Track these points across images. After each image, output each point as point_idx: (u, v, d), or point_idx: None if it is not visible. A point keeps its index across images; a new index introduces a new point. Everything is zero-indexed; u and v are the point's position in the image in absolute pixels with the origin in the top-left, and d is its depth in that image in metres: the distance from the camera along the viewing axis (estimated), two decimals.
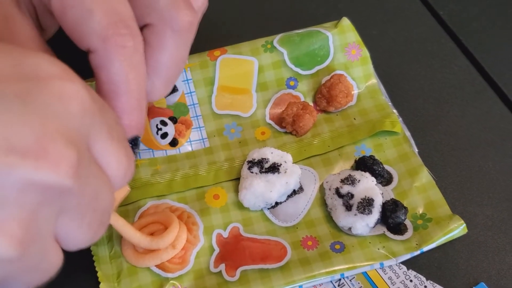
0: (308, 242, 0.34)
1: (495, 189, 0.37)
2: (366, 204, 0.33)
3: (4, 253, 0.19)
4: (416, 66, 0.44)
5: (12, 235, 0.19)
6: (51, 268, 0.22)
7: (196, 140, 0.38)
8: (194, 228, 0.34)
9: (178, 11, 0.27)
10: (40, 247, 0.20)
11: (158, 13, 0.27)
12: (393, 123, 0.38)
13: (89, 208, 0.22)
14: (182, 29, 0.28)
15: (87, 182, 0.21)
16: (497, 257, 0.34)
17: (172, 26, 0.27)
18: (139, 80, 0.25)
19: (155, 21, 0.27)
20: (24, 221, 0.19)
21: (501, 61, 0.44)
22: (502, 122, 0.41)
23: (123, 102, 0.25)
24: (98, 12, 0.24)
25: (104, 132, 0.22)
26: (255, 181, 0.35)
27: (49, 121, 0.19)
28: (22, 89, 0.19)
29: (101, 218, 0.23)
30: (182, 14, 0.28)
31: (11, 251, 0.19)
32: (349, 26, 0.41)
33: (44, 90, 0.19)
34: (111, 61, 0.24)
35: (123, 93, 0.25)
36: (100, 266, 0.33)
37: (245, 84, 0.40)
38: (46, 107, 0.19)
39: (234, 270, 0.33)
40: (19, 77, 0.19)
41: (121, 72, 0.24)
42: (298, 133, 0.38)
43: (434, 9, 0.48)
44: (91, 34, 0.24)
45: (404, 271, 0.33)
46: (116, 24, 0.24)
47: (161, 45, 0.28)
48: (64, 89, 0.20)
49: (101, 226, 0.24)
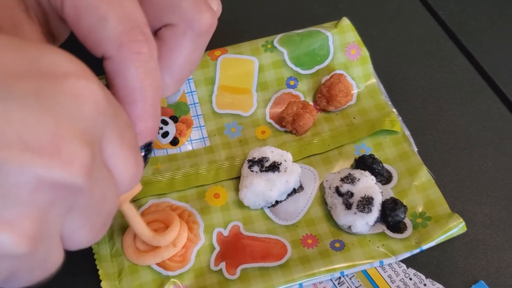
0: (308, 241, 0.34)
1: (494, 187, 0.37)
2: (366, 203, 0.34)
3: (16, 249, 0.19)
4: (415, 65, 0.44)
5: (24, 233, 0.19)
6: (52, 266, 0.22)
7: (196, 139, 0.39)
8: (194, 227, 0.35)
9: (200, 12, 0.28)
10: (48, 245, 0.21)
11: (180, 14, 0.27)
12: (393, 122, 0.38)
13: (95, 210, 0.22)
14: (202, 30, 0.28)
15: (97, 184, 0.21)
16: (495, 255, 0.34)
17: (193, 27, 0.28)
18: (154, 86, 0.25)
19: (177, 21, 0.28)
20: (36, 219, 0.19)
21: (500, 61, 0.45)
22: (501, 121, 0.41)
23: (138, 108, 0.25)
24: (113, 18, 0.24)
25: (115, 134, 0.22)
26: (256, 180, 0.35)
27: (64, 119, 0.19)
28: (38, 86, 0.19)
29: (104, 221, 0.23)
30: (204, 16, 0.28)
31: (22, 247, 0.19)
32: (348, 26, 0.41)
33: (59, 88, 0.19)
34: (127, 68, 0.24)
35: (139, 99, 0.25)
36: (101, 265, 0.33)
37: (245, 84, 0.40)
38: (61, 106, 0.19)
39: (235, 268, 0.33)
40: (35, 74, 0.19)
41: (137, 78, 0.24)
42: (298, 132, 0.39)
43: (434, 9, 0.48)
44: (106, 40, 0.24)
45: (403, 269, 0.33)
46: (131, 30, 0.24)
47: (179, 45, 0.28)
48: (79, 88, 0.20)
49: (103, 228, 0.24)
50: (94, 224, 0.22)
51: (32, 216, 0.19)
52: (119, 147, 0.22)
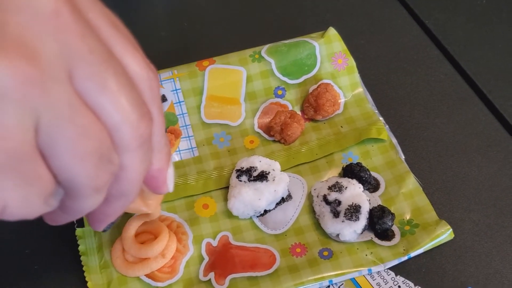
0: (296, 249, 0.34)
1: (481, 194, 0.38)
2: (353, 211, 0.34)
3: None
4: (402, 74, 0.45)
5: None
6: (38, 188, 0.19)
7: (185, 149, 0.39)
8: (183, 238, 0.35)
9: None
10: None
11: None
12: (379, 131, 0.39)
13: (75, 134, 0.19)
14: None
15: (56, 98, 0.18)
16: (484, 262, 0.34)
17: None
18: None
19: None
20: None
21: (485, 69, 0.45)
22: (487, 128, 0.41)
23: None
24: None
25: (96, 67, 0.19)
26: (244, 190, 0.35)
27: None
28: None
29: (99, 156, 0.20)
30: None
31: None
32: (335, 36, 0.42)
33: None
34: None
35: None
36: (90, 276, 0.33)
37: (233, 94, 0.40)
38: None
39: (224, 278, 0.33)
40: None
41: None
42: (286, 142, 0.39)
43: (420, 18, 0.49)
44: None
45: (392, 277, 0.34)
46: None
47: None
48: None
49: (102, 168, 0.20)
50: (86, 153, 0.19)
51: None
52: (98, 85, 0.19)
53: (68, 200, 0.21)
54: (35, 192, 0.19)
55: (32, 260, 0.35)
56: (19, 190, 0.19)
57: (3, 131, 0.17)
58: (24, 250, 0.35)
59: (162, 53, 0.45)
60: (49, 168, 0.19)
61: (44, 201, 0.20)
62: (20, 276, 0.34)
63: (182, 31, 0.49)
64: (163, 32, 0.49)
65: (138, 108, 0.21)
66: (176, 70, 0.40)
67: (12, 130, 0.18)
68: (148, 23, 0.49)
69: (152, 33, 0.48)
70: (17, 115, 0.18)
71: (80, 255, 0.34)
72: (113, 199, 0.22)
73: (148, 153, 0.22)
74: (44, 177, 0.19)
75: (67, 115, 0.18)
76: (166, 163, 0.25)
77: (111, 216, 0.24)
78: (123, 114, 0.20)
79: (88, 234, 0.35)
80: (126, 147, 0.21)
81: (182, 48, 0.47)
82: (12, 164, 0.18)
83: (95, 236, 0.35)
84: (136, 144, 0.21)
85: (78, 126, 0.19)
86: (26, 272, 0.34)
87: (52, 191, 0.20)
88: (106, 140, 0.20)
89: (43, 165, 0.19)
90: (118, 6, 0.23)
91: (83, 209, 0.21)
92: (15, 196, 0.19)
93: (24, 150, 0.18)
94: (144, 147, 0.22)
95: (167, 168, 0.25)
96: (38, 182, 0.19)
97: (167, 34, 0.49)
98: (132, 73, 0.21)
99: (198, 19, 0.50)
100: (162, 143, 0.24)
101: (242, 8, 0.50)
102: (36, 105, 0.18)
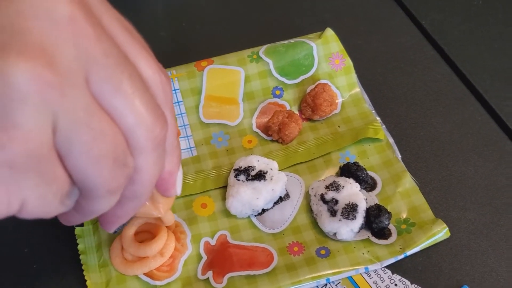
0: (294, 248, 0.35)
1: (477, 193, 0.38)
2: (350, 210, 0.34)
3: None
4: (399, 74, 0.45)
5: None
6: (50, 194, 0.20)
7: (183, 149, 0.39)
8: (182, 237, 0.35)
9: None
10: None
11: None
12: (376, 130, 0.39)
13: (91, 137, 0.19)
14: None
15: (76, 101, 0.19)
16: (480, 260, 0.35)
17: None
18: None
19: None
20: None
21: (482, 69, 0.45)
22: (483, 128, 0.41)
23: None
24: None
25: (111, 70, 0.20)
26: (242, 189, 0.35)
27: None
28: None
29: (114, 159, 0.20)
30: None
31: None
32: (332, 36, 0.42)
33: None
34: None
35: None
36: (89, 275, 0.33)
37: (232, 94, 0.41)
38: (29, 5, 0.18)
39: (222, 277, 0.33)
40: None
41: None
42: (284, 141, 0.39)
43: (417, 18, 0.49)
44: None
45: (389, 275, 0.34)
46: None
47: None
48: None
49: (117, 170, 0.20)
50: (101, 156, 0.19)
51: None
52: (114, 88, 0.20)
53: (83, 200, 0.21)
54: (52, 191, 0.20)
55: (31, 259, 0.35)
56: (37, 189, 0.19)
57: (23, 132, 0.18)
58: (23, 249, 0.35)
59: (160, 53, 0.45)
60: (66, 169, 0.20)
61: (60, 200, 0.20)
62: (19, 275, 0.34)
63: (181, 31, 0.49)
64: (162, 32, 0.49)
65: (152, 111, 0.21)
66: (174, 70, 0.40)
67: (31, 132, 0.18)
68: (147, 23, 0.50)
69: (151, 33, 0.49)
70: (37, 118, 0.18)
71: (79, 254, 0.34)
72: (126, 201, 0.23)
73: (162, 156, 0.23)
74: (61, 178, 0.20)
75: (83, 119, 0.19)
76: (177, 165, 0.25)
77: (123, 217, 0.24)
78: (138, 116, 0.20)
79: (87, 233, 0.35)
80: (141, 149, 0.21)
81: (180, 48, 0.47)
82: (31, 164, 0.19)
83: (94, 235, 0.35)
84: (151, 146, 0.21)
85: (94, 130, 0.19)
86: (25, 271, 0.34)
87: (68, 191, 0.20)
88: (121, 143, 0.20)
89: (60, 166, 0.19)
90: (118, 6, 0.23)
91: (97, 210, 0.22)
92: (33, 195, 0.19)
93: (43, 151, 0.19)
94: (159, 149, 0.22)
95: (177, 170, 0.26)
96: (55, 182, 0.20)
97: (166, 34, 0.49)
98: (145, 76, 0.22)
99: (197, 19, 0.50)
100: (174, 146, 0.24)
101: (240, 9, 0.51)
102: (55, 108, 0.18)
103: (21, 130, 0.18)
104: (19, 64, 0.18)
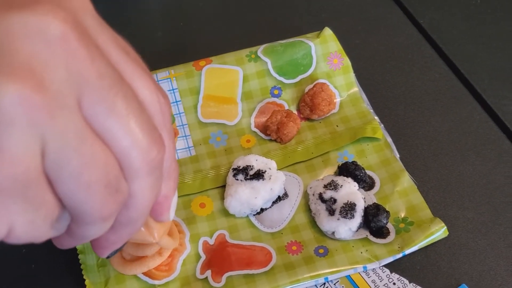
0: (292, 247, 0.35)
1: (475, 192, 0.38)
2: (349, 209, 0.34)
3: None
4: (397, 73, 0.45)
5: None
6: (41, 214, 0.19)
7: (182, 148, 0.39)
8: (180, 236, 0.35)
9: None
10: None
11: None
12: (374, 130, 0.39)
13: (81, 162, 0.19)
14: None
15: (64, 126, 0.18)
16: (478, 259, 0.35)
17: None
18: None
19: None
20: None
21: (480, 68, 0.46)
22: (481, 127, 0.41)
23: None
24: None
25: (105, 92, 0.19)
26: (240, 188, 0.35)
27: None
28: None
29: (106, 185, 0.19)
30: None
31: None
32: (331, 36, 0.42)
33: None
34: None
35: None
36: (88, 275, 0.33)
37: (230, 93, 0.41)
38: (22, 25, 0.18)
39: (220, 276, 0.33)
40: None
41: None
42: (283, 141, 0.39)
43: (415, 17, 0.49)
44: None
45: (387, 274, 0.34)
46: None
47: None
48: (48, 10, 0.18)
49: (109, 197, 0.20)
50: (92, 183, 0.19)
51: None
52: (107, 109, 0.19)
53: (74, 226, 0.21)
54: (41, 216, 0.19)
55: (29, 259, 0.35)
56: (26, 214, 0.19)
57: (10, 156, 0.17)
58: (21, 249, 0.35)
59: (158, 53, 0.46)
60: (56, 193, 0.19)
61: (50, 225, 0.20)
62: (17, 276, 0.34)
63: (179, 31, 0.49)
64: (160, 32, 0.49)
65: (149, 133, 0.20)
66: (173, 70, 0.40)
67: (19, 156, 0.18)
68: (145, 23, 0.50)
69: (149, 33, 0.49)
70: (24, 141, 0.18)
71: (77, 253, 0.34)
72: (120, 226, 0.22)
73: (159, 180, 0.22)
74: (50, 202, 0.19)
75: (73, 144, 0.18)
76: (173, 190, 0.24)
77: (117, 243, 0.23)
78: (133, 138, 0.20)
79: None
80: (136, 173, 0.20)
81: (178, 48, 0.47)
82: (18, 188, 0.18)
83: None
84: (146, 170, 0.20)
85: (84, 155, 0.19)
86: (23, 271, 0.34)
87: (59, 216, 0.20)
88: (114, 168, 0.20)
89: (49, 190, 0.19)
90: (115, 6, 0.23)
91: (89, 235, 0.21)
92: (21, 220, 0.19)
93: (31, 176, 0.18)
94: (155, 173, 0.21)
95: (173, 194, 0.25)
96: (44, 207, 0.19)
97: (164, 34, 0.49)
98: (142, 97, 0.21)
99: (195, 19, 0.50)
100: (172, 169, 0.23)
101: (238, 8, 0.51)
102: (43, 132, 0.18)
103: (8, 153, 0.17)
104: (7, 86, 0.17)
